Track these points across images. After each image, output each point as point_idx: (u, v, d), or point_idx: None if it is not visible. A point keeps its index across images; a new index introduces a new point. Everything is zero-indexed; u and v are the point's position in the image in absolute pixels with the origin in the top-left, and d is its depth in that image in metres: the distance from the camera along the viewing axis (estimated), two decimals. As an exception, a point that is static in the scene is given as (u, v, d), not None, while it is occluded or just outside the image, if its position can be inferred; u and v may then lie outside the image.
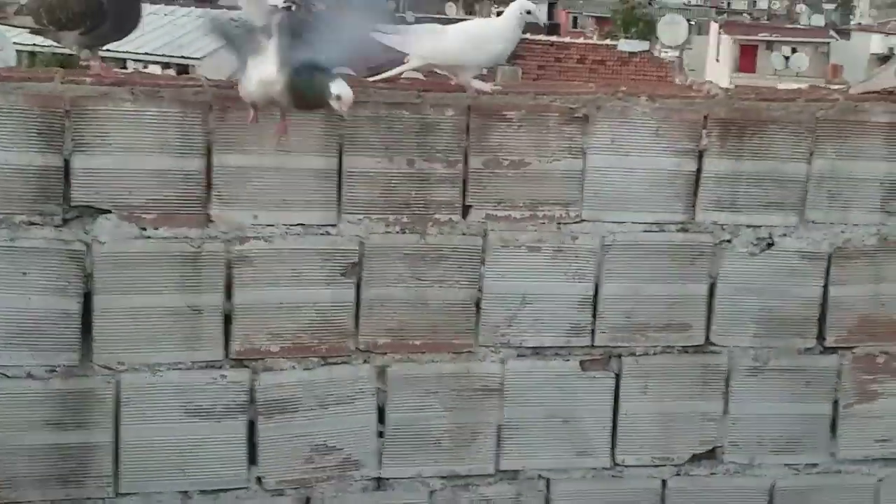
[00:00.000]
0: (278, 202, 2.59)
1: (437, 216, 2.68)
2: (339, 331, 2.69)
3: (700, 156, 2.75)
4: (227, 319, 2.62)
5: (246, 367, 2.66)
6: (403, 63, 2.69)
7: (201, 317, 2.60)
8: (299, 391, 2.68)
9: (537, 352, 2.81)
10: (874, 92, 2.80)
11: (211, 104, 2.53)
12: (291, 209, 2.60)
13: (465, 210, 2.70)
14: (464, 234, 2.71)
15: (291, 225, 2.61)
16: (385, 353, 2.73)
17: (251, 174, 2.57)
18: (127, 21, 2.54)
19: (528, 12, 2.69)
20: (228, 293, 2.61)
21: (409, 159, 2.64)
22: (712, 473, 2.91)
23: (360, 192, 2.63)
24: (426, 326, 2.73)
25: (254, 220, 2.59)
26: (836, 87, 3.05)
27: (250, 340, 2.65)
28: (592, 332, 2.81)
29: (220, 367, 2.64)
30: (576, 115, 2.70)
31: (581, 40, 33.74)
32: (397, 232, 2.67)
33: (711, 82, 2.83)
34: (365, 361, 2.72)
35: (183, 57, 19.49)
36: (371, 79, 2.64)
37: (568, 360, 2.82)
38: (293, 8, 2.44)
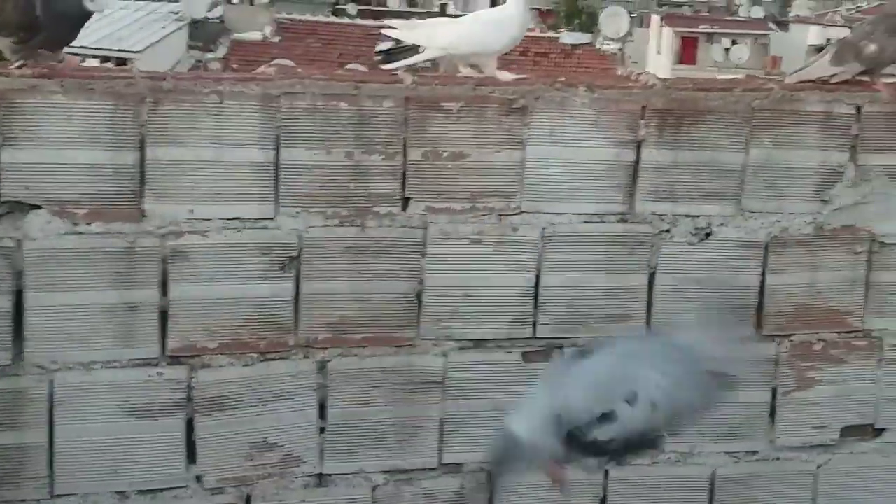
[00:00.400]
0: (214, 196, 2.55)
1: (376, 209, 2.66)
2: (278, 326, 2.65)
3: (639, 146, 2.76)
4: (164, 316, 2.58)
5: (183, 364, 2.61)
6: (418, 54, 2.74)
7: (136, 313, 2.55)
8: (238, 388, 2.65)
9: (479, 344, 2.80)
10: (809, 81, 2.83)
11: (144, 96, 2.48)
12: (228, 203, 2.56)
13: (405, 202, 2.68)
14: (404, 227, 2.69)
15: (228, 219, 2.57)
16: (326, 348, 2.70)
17: (186, 167, 2.52)
18: (63, 34, 2.52)
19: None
20: (164, 289, 2.56)
21: (347, 151, 2.61)
22: (653, 463, 2.92)
23: (298, 185, 2.60)
24: (367, 320, 2.71)
25: (189, 215, 2.54)
26: (774, 77, 3.07)
27: (187, 337, 2.60)
28: (534, 323, 2.81)
29: (157, 365, 2.59)
30: (515, 105, 2.69)
31: (524, 32, 33.69)
32: (336, 225, 2.64)
33: (649, 73, 2.84)
34: (305, 357, 2.69)
35: (121, 50, 19.21)
36: (385, 66, 2.63)
37: (510, 353, 2.81)
38: None
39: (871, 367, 2.98)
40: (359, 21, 30.29)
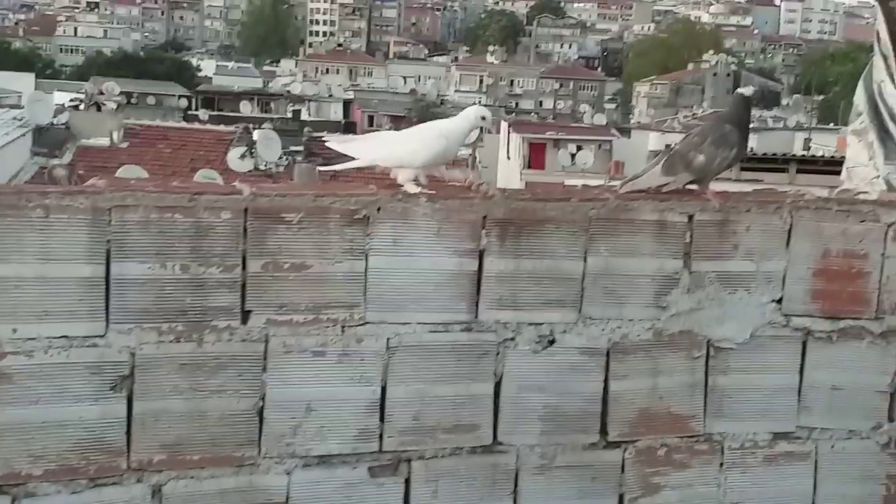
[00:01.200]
0: (40, 314, 2.42)
1: (214, 323, 2.58)
2: (109, 449, 2.52)
3: (481, 255, 2.77)
4: (-17, 443, 2.41)
5: (5, 493, 2.44)
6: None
7: (-48, 441, 2.38)
8: (65, 517, 2.49)
9: (324, 460, 2.72)
10: (642, 191, 2.91)
11: (-36, 211, 2.36)
12: (54, 321, 2.44)
13: (245, 315, 2.61)
14: (244, 341, 2.61)
15: (54, 337, 2.44)
16: (161, 471, 2.57)
17: (9, 285, 2.39)
18: None
19: (483, 118, 2.81)
20: (-16, 414, 2.40)
21: (183, 264, 2.53)
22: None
23: (131, 301, 2.50)
24: (205, 439, 2.60)
25: (13, 335, 2.41)
26: (613, 184, 3.15)
27: (10, 464, 2.44)
28: (381, 436, 2.75)
29: (-25, 496, 2.42)
30: (356, 216, 2.67)
31: (377, 138, 34.08)
32: (172, 341, 2.54)
33: (488, 183, 2.87)
34: (138, 481, 2.56)
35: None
36: (322, 168, 2.60)
37: (356, 468, 2.74)
38: None
39: (713, 471, 3.02)
40: (210, 126, 30.19)
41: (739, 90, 3.09)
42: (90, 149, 25.57)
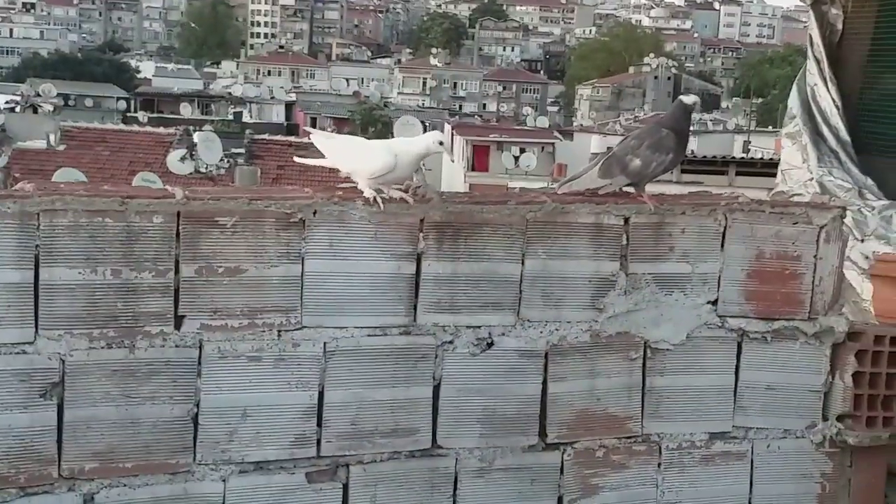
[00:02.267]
0: (-35, 321, 2.36)
1: (147, 328, 2.53)
2: (39, 458, 2.47)
3: (419, 259, 2.76)
4: None
5: (-70, 505, 2.38)
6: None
7: None
8: (-7, 528, 2.43)
9: (261, 466, 2.68)
10: (579, 193, 2.92)
11: None
12: (-20, 328, 2.38)
13: (179, 321, 2.57)
14: (177, 347, 2.57)
15: (-19, 344, 2.38)
16: (93, 479, 2.53)
17: (-68, 291, 2.33)
18: None
19: (441, 143, 2.83)
20: None
21: (114, 269, 2.49)
22: None
23: (60, 306, 2.45)
24: (138, 447, 2.56)
25: (-63, 341, 2.35)
26: (551, 187, 3.15)
27: (-65, 475, 2.38)
28: (318, 441, 2.73)
29: None
30: (292, 220, 2.64)
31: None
32: (103, 347, 2.50)
33: (426, 186, 2.86)
34: (70, 489, 2.51)
35: None
36: (297, 159, 2.75)
37: (293, 474, 2.71)
38: None
39: (651, 472, 3.04)
40: (150, 129, 29.80)
41: (681, 97, 3.10)
42: (27, 151, 25.13)
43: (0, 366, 2.41)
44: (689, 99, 3.07)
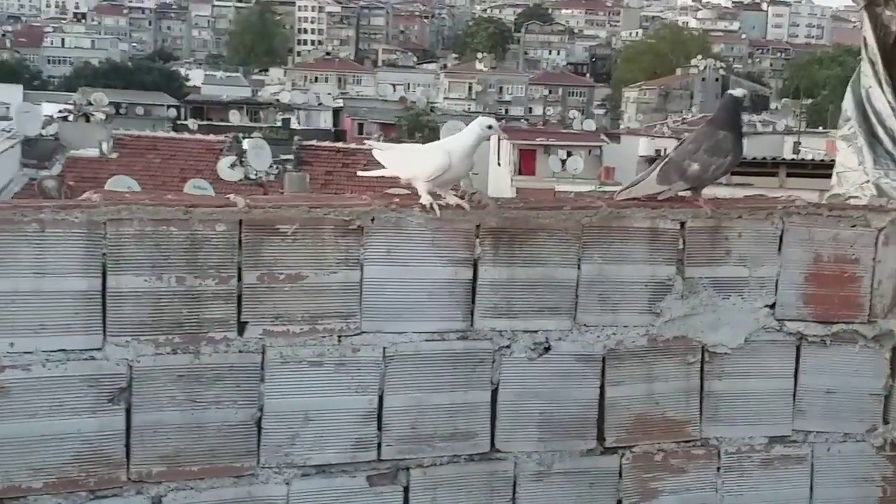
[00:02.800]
0: (36, 327, 2.42)
1: (210, 334, 2.58)
2: (108, 461, 2.52)
3: (475, 264, 2.78)
4: (-18, 457, 2.41)
5: (5, 507, 2.45)
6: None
7: (-49, 456, 2.38)
8: (65, 530, 2.49)
9: (323, 470, 2.72)
10: (636, 199, 2.92)
11: (-41, 225, 2.36)
12: (51, 334, 2.44)
13: (242, 327, 2.62)
14: (240, 352, 2.62)
15: (51, 351, 2.44)
16: (160, 482, 2.58)
17: (5, 300, 2.40)
18: None
19: (490, 127, 2.78)
20: (-17, 429, 2.41)
21: (178, 277, 2.54)
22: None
23: (127, 313, 2.50)
24: (204, 451, 2.60)
25: (10, 349, 2.41)
26: (607, 190, 3.16)
27: (10, 478, 2.44)
28: (378, 445, 2.76)
29: (-25, 510, 2.42)
30: (351, 226, 2.68)
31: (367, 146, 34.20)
32: (168, 353, 2.55)
33: (481, 192, 2.88)
34: (138, 493, 2.56)
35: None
36: (361, 174, 2.78)
37: (354, 477, 2.75)
38: None
39: (710, 476, 3.04)
40: (199, 136, 30.15)
41: (730, 91, 3.09)
42: (79, 160, 25.57)
43: (69, 372, 2.47)
44: (738, 92, 3.06)
